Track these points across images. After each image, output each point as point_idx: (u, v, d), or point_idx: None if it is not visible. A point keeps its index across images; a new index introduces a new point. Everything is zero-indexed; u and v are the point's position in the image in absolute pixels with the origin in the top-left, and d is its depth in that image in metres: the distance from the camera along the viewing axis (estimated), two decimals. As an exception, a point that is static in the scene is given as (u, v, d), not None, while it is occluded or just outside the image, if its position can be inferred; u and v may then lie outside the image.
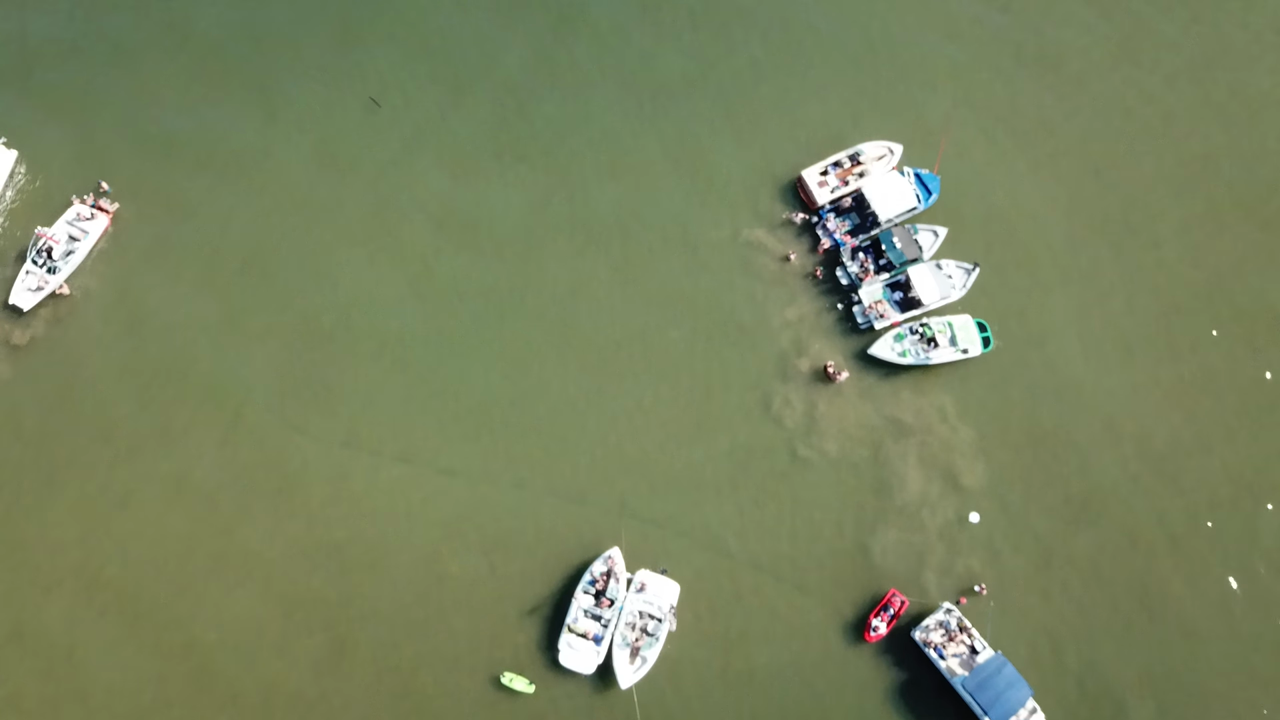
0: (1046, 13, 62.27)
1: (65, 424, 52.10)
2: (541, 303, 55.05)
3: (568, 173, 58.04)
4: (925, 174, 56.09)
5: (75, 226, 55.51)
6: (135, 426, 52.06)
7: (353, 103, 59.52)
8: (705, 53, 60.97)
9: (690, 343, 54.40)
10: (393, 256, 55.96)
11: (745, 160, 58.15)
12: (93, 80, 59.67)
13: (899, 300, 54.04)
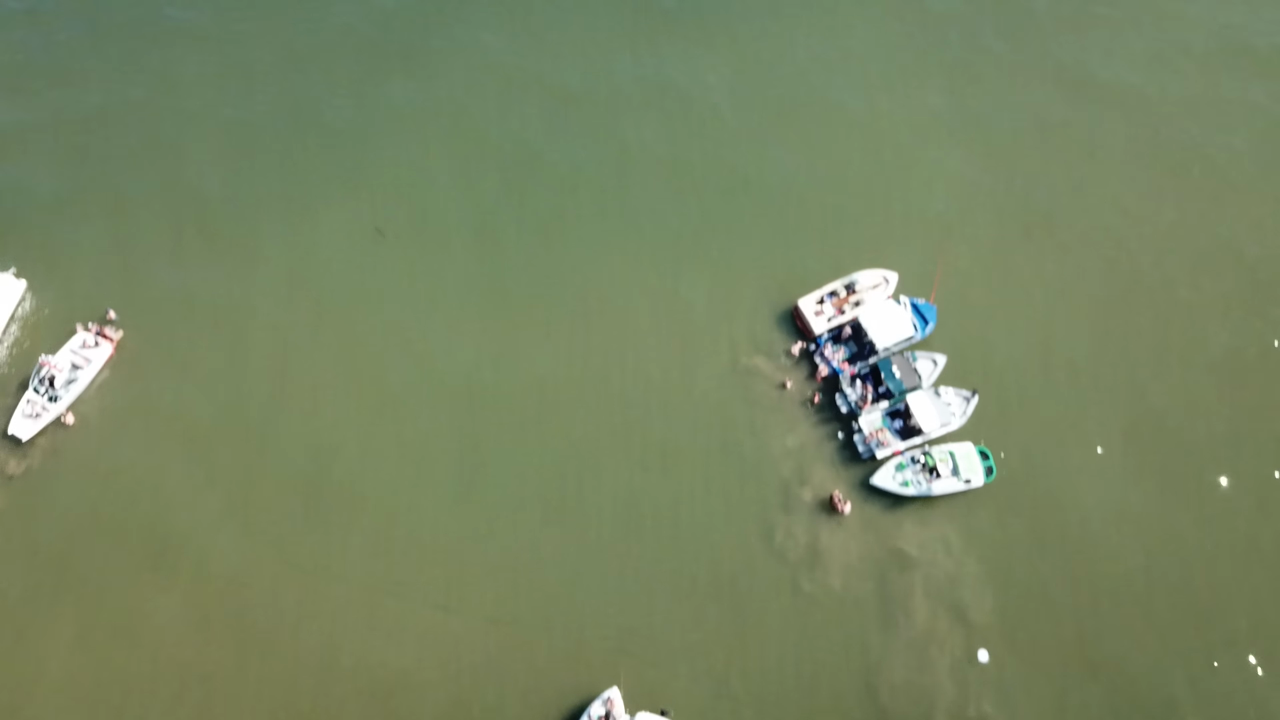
0: (1042, 135, 64.04)
1: (54, 559, 51.38)
2: (536, 436, 54.84)
3: (566, 306, 58.77)
4: (922, 303, 56.78)
5: (79, 354, 56.07)
6: (121, 566, 51.10)
7: (357, 245, 60.58)
8: (700, 186, 62.51)
9: (689, 472, 54.03)
10: (383, 406, 55.85)
11: (742, 290, 58.96)
12: (100, 216, 60.98)
13: (899, 428, 53.97)
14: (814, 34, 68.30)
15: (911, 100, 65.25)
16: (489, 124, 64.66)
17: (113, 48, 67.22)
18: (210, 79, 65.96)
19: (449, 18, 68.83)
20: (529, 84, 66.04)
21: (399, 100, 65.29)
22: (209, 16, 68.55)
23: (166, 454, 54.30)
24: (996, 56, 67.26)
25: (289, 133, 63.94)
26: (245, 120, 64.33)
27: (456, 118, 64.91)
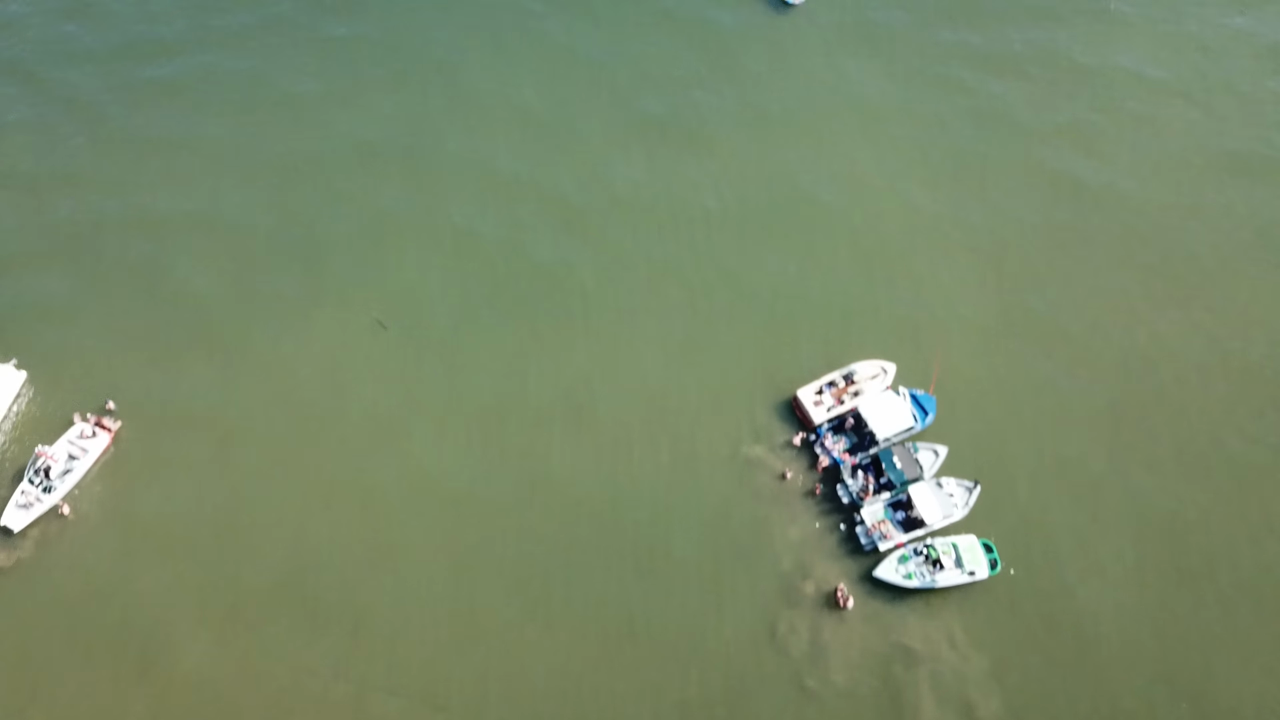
0: (1035, 227, 65.20)
1: (34, 656, 50.43)
2: (528, 538, 54.54)
3: (564, 401, 58.99)
4: (921, 394, 57.05)
5: (75, 445, 56.02)
6: (101, 669, 50.22)
7: (350, 347, 61.13)
8: (697, 284, 63.44)
9: (689, 566, 53.41)
10: (370, 509, 55.61)
11: (740, 381, 59.25)
12: (101, 314, 62.05)
13: (901, 520, 53.64)
14: (804, 139, 69.92)
15: (904, 201, 66.56)
16: (486, 229, 65.65)
17: (115, 154, 68.78)
18: (210, 184, 67.14)
19: (446, 127, 70.34)
20: (526, 191, 67.23)
21: (395, 207, 66.17)
22: (209, 125, 70.09)
23: (154, 551, 53.98)
24: (986, 159, 68.71)
25: (286, 238, 64.89)
26: (244, 225, 65.44)
27: (453, 224, 65.79)
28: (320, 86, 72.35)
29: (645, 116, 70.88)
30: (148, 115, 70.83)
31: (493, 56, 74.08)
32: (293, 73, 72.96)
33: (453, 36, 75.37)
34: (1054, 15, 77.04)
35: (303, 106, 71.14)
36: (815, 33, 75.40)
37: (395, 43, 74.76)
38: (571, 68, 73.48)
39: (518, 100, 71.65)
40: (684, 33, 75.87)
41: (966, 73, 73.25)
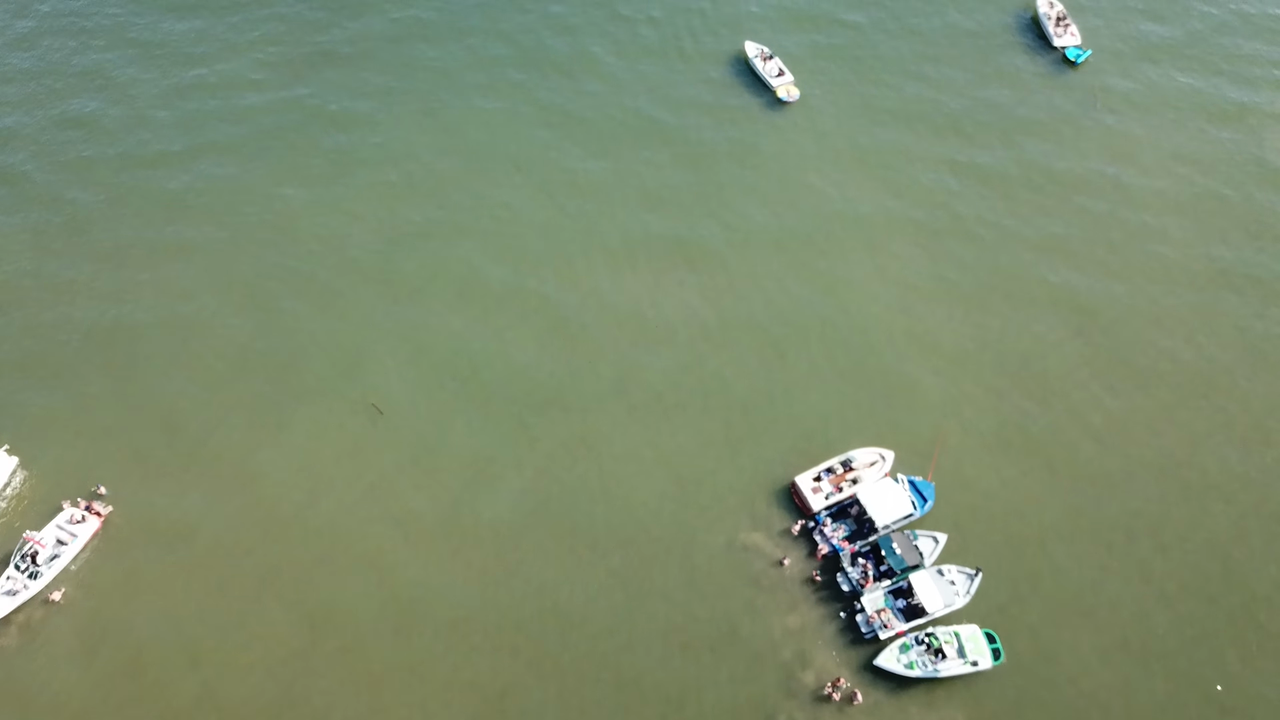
0: (1026, 326, 66.72)
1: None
2: (525, 618, 54.30)
3: (561, 481, 59.38)
4: (919, 481, 57.57)
5: (64, 530, 55.76)
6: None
7: (350, 421, 61.72)
8: (695, 360, 64.55)
9: (685, 656, 52.92)
10: (375, 580, 55.73)
11: (737, 466, 59.69)
12: (93, 403, 62.22)
13: (902, 608, 53.45)
14: (798, 247, 71.58)
15: (899, 306, 67.64)
16: (476, 338, 66.01)
17: (104, 261, 69.80)
18: (195, 290, 67.90)
19: (441, 236, 71.68)
20: (518, 302, 67.91)
21: (386, 318, 66.63)
22: (207, 232, 71.58)
23: (141, 640, 53.13)
24: (980, 269, 70.17)
25: (268, 343, 65.39)
26: (237, 327, 66.06)
27: (445, 332, 66.18)
28: (309, 194, 73.57)
29: (641, 232, 71.98)
30: (138, 222, 71.61)
31: (489, 169, 75.96)
32: (283, 182, 74.48)
33: (447, 148, 77.18)
34: (1044, 128, 79.97)
35: (291, 213, 72.41)
36: (809, 139, 78.24)
37: (392, 153, 76.42)
38: (568, 182, 75.48)
39: (514, 211, 73.31)
40: (677, 144, 78.31)
41: (955, 183, 75.75)
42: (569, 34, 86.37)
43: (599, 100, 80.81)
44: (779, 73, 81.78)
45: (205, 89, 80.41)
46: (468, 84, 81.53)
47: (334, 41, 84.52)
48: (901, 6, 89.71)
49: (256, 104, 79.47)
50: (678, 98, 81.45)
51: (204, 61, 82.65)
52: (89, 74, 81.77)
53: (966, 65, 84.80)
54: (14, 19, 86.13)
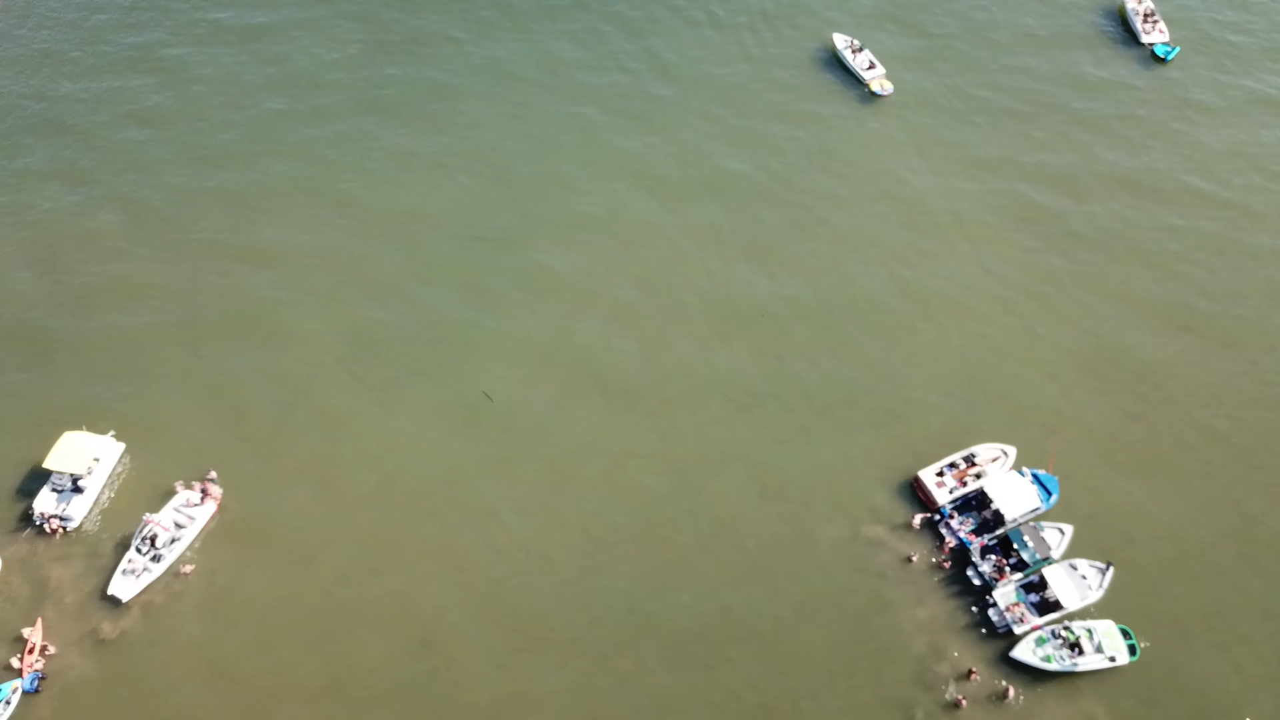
0: (1133, 325, 68.50)
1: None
2: (641, 631, 55.55)
3: (683, 472, 60.80)
4: (1042, 474, 59.14)
5: (181, 513, 56.87)
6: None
7: (460, 409, 63.14)
8: (803, 357, 66.10)
9: (818, 649, 54.27)
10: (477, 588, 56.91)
11: (858, 463, 61.17)
12: (199, 386, 63.49)
13: (1035, 602, 54.93)
14: (901, 236, 73.95)
15: (1005, 285, 69.90)
16: (581, 330, 68.33)
17: (201, 256, 71.90)
18: (323, 280, 69.54)
19: (508, 242, 73.76)
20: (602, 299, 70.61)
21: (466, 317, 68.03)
22: (282, 233, 73.47)
23: (261, 624, 54.27)
24: (1079, 271, 72.33)
25: (399, 326, 67.06)
26: (363, 316, 67.42)
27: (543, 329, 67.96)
28: (390, 196, 74.95)
29: (748, 230, 73.75)
30: (218, 219, 72.82)
31: (567, 164, 77.61)
32: (355, 182, 75.93)
33: (519, 151, 78.38)
34: (1137, 125, 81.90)
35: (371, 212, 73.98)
36: (905, 132, 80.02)
37: (463, 154, 77.86)
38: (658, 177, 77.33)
39: (612, 212, 75.15)
40: (769, 139, 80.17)
41: (1055, 180, 77.60)
42: (643, 28, 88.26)
43: (673, 100, 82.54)
44: (870, 65, 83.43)
45: (274, 88, 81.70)
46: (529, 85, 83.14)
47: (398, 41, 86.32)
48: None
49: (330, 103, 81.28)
50: (764, 91, 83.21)
51: (276, 60, 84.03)
52: (159, 68, 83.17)
53: (1054, 58, 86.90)
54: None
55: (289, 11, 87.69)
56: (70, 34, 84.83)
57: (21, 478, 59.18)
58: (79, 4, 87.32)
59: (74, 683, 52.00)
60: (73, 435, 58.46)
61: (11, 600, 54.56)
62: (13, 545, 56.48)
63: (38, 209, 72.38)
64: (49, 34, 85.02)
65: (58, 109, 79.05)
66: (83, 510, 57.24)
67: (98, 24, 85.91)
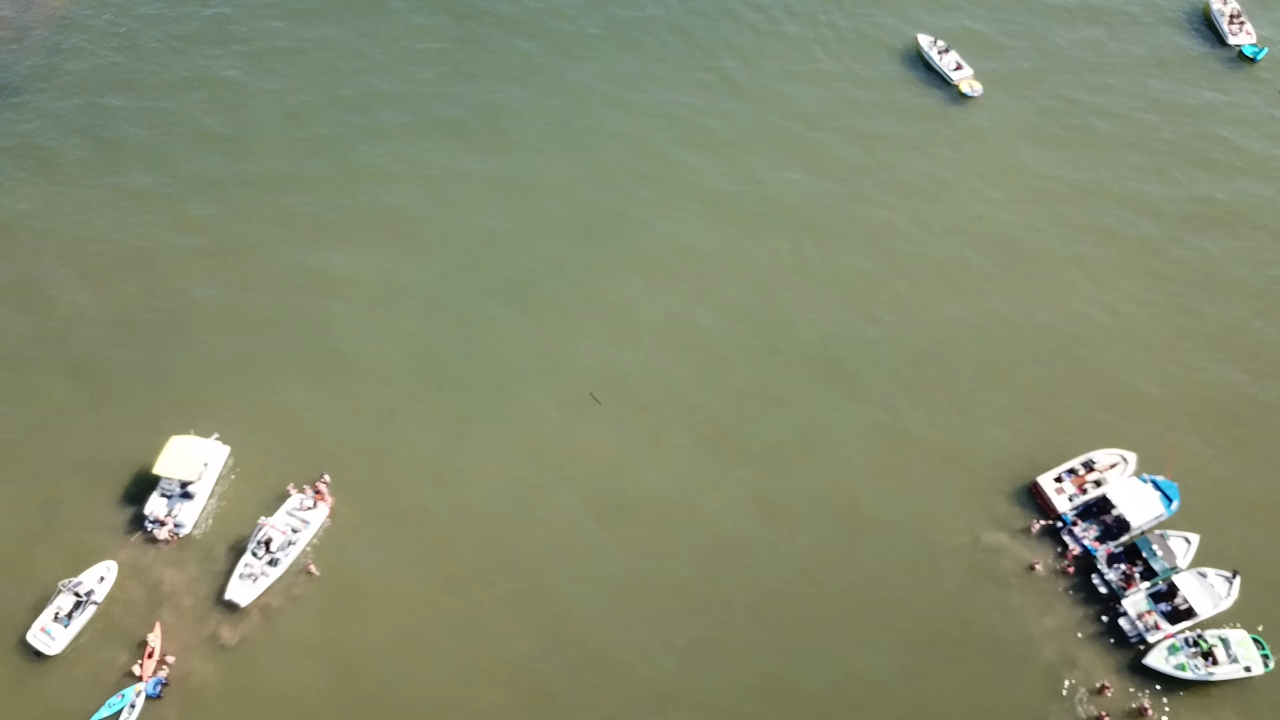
0: (1242, 328, 68.73)
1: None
2: (759, 636, 56.08)
3: (790, 487, 61.10)
4: (1162, 481, 59.32)
5: (295, 516, 57.27)
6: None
7: (566, 412, 63.66)
8: (919, 359, 66.48)
9: (945, 658, 54.56)
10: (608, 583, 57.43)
11: (973, 469, 61.41)
12: (300, 387, 63.96)
13: (1166, 611, 55.08)
14: (1002, 216, 74.42)
15: (1113, 309, 69.82)
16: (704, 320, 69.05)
17: (301, 265, 72.34)
18: (407, 292, 69.62)
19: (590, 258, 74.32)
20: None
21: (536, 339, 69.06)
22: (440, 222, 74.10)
23: (383, 628, 54.65)
24: (1202, 253, 72.91)
25: (498, 312, 67.93)
26: (471, 305, 68.30)
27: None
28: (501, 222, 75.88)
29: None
30: (303, 234, 72.93)
31: (637, 184, 77.55)
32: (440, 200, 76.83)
33: (602, 168, 78.58)
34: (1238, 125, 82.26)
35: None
36: (999, 135, 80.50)
37: (534, 169, 78.73)
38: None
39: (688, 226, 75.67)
40: (863, 135, 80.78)
41: (1153, 189, 78.03)
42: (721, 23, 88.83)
43: (748, 112, 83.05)
44: (957, 66, 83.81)
45: (337, 105, 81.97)
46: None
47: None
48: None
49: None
50: (847, 89, 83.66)
51: (340, 79, 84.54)
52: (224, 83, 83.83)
53: (1140, 59, 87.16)
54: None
55: (345, 30, 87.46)
56: (129, 55, 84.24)
57: (126, 483, 59.51)
58: (133, 24, 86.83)
59: (196, 688, 52.45)
60: (181, 440, 58.85)
61: (127, 605, 54.99)
62: (124, 551, 56.89)
63: (130, 221, 72.81)
64: (114, 56, 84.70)
65: (120, 125, 78.83)
66: (193, 515, 57.64)
67: (156, 42, 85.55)
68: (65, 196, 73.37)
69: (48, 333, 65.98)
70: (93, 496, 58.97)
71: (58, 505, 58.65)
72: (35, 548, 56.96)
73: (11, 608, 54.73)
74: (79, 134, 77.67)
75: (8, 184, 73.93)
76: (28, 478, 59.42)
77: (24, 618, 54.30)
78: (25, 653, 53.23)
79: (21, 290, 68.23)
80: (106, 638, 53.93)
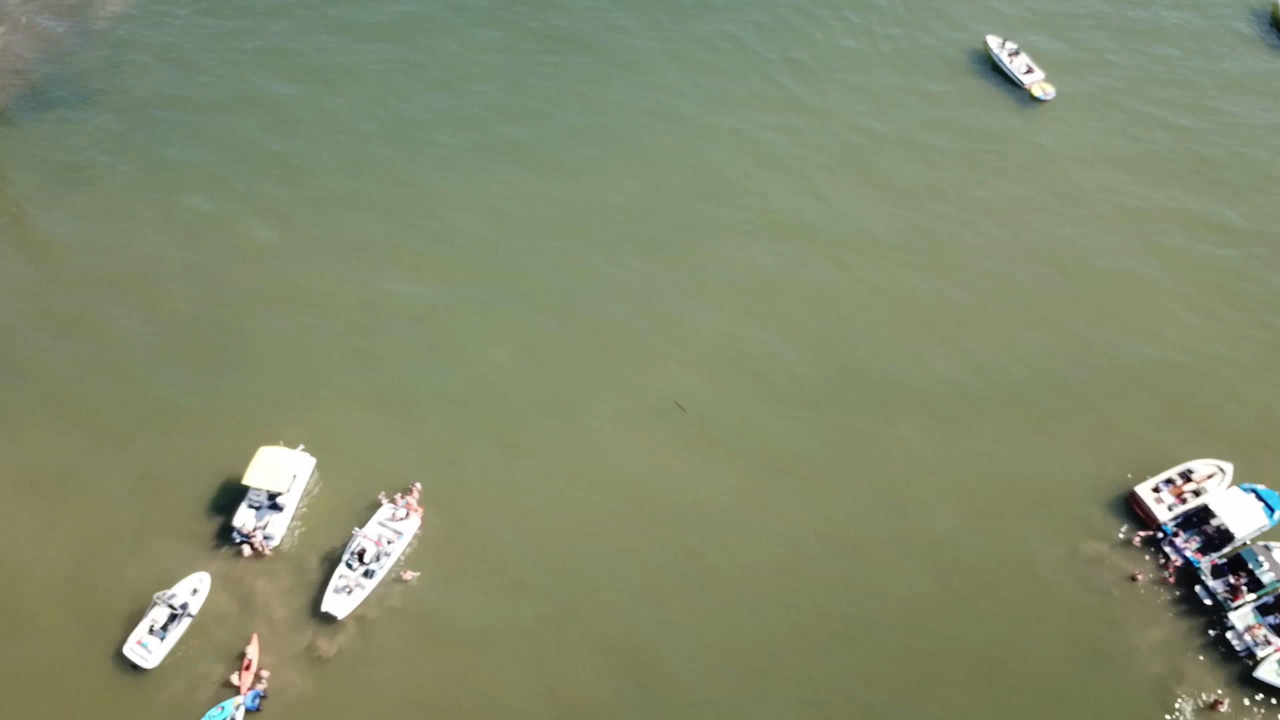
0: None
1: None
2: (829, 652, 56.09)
3: (877, 487, 61.26)
4: (1264, 490, 59.15)
5: (387, 527, 57.47)
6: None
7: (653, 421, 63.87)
8: (997, 380, 66.51)
9: (1047, 669, 54.50)
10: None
11: (1067, 477, 61.37)
12: (382, 400, 64.12)
13: (1275, 624, 54.88)
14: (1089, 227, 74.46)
15: (1207, 314, 69.98)
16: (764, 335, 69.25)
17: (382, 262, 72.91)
18: (487, 292, 70.20)
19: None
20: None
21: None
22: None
23: (480, 645, 54.72)
24: None
25: (562, 330, 68.17)
26: (535, 330, 68.20)
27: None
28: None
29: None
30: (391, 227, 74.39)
31: (713, 179, 79.02)
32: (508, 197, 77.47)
33: (680, 161, 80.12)
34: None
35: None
36: (1075, 142, 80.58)
37: (608, 167, 79.77)
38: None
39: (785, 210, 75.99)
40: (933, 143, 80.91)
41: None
42: (781, 37, 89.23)
43: (817, 112, 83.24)
44: (1028, 69, 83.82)
45: (418, 95, 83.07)
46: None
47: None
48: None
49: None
50: (912, 98, 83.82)
51: (421, 65, 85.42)
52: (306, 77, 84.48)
53: (1211, 73, 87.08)
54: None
55: (403, 47, 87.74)
56: (186, 72, 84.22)
57: (212, 494, 59.68)
58: (189, 42, 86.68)
59: (295, 701, 52.60)
60: (269, 450, 59.05)
61: (221, 618, 55.21)
62: (214, 563, 57.15)
63: (192, 220, 73.38)
64: (180, 38, 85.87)
65: (177, 143, 78.92)
66: (283, 527, 57.87)
67: (212, 58, 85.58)
68: (122, 215, 73.28)
69: (111, 350, 66.01)
70: (178, 508, 58.98)
71: (143, 518, 58.87)
72: (125, 560, 57.17)
73: (105, 621, 54.97)
74: (134, 151, 77.50)
75: (66, 203, 73.85)
76: (109, 492, 59.58)
77: (118, 631, 54.60)
78: (122, 666, 53.50)
79: (85, 309, 67.98)
80: (202, 650, 54.10)
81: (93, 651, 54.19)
